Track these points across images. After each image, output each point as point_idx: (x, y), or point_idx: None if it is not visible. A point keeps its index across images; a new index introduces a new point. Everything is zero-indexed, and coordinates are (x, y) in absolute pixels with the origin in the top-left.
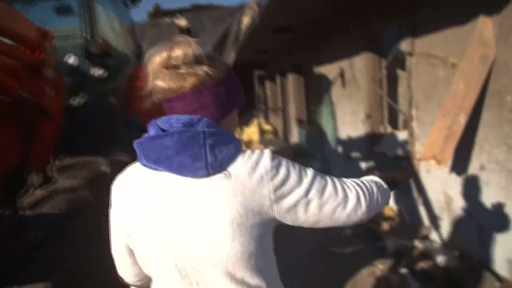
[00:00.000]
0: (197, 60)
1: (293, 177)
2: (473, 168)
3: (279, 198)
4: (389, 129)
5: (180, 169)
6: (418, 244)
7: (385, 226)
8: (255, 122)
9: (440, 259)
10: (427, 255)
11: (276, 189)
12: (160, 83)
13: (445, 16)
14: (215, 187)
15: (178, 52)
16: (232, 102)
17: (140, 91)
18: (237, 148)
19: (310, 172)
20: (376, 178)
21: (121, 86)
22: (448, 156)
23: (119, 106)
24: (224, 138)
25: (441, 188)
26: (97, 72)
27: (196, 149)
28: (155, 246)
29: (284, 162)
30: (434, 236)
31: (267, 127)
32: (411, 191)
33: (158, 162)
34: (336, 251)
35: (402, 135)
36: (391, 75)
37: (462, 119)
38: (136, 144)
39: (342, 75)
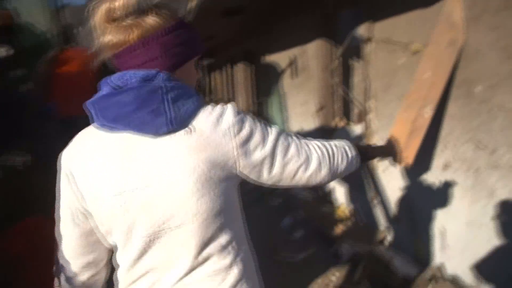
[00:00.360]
0: (142, 10)
1: (258, 133)
2: (436, 166)
3: (243, 154)
4: (342, 122)
5: (140, 127)
6: (375, 249)
7: (339, 228)
8: None
9: (400, 267)
10: (385, 262)
11: (240, 145)
12: (105, 39)
13: None
14: (178, 144)
15: (119, 3)
16: (185, 52)
17: (63, 77)
18: (198, 102)
19: (273, 130)
20: (346, 144)
21: (42, 71)
22: (413, 154)
23: (37, 94)
24: (184, 92)
25: (400, 188)
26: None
27: (156, 104)
28: (119, 211)
29: (248, 118)
30: (392, 240)
31: None
32: (367, 191)
33: (117, 120)
34: (285, 258)
35: (357, 128)
36: (346, 64)
37: (429, 112)
38: (89, 104)
39: (293, 63)
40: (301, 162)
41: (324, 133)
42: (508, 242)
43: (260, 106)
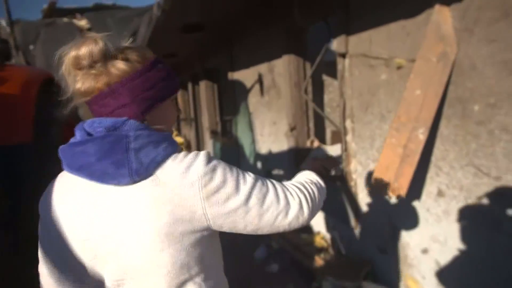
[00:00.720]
0: (107, 57)
1: (230, 183)
2: (427, 194)
3: (213, 206)
4: (316, 143)
5: (102, 178)
6: (361, 285)
7: (319, 261)
8: None
9: None
10: None
11: (209, 197)
12: (75, 86)
13: (388, 7)
14: (141, 195)
15: (84, 51)
16: (156, 95)
17: None
18: (167, 150)
19: (249, 178)
20: (315, 177)
21: None
22: (406, 183)
23: None
24: (153, 140)
25: (386, 216)
26: None
27: (119, 155)
28: (87, 256)
29: (220, 167)
30: (379, 274)
31: (179, 139)
32: (347, 217)
33: (80, 170)
34: None
35: (332, 150)
36: (318, 81)
37: (421, 135)
38: (60, 151)
39: (260, 80)
40: (280, 209)
41: (296, 155)
42: None
43: (225, 126)
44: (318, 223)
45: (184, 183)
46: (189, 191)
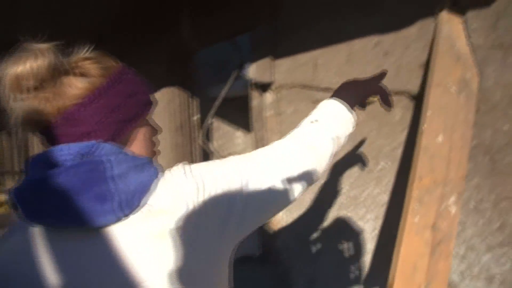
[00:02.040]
0: (60, 72)
1: (221, 180)
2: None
3: (218, 209)
4: None
5: (78, 220)
6: None
7: None
8: None
9: None
10: None
11: (210, 208)
12: (21, 113)
13: (349, 14)
14: (135, 232)
15: (26, 67)
16: (126, 114)
17: None
18: (154, 172)
19: (230, 162)
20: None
21: None
22: (445, 283)
23: None
24: (135, 164)
25: None
26: None
27: (98, 186)
28: None
29: (202, 169)
30: None
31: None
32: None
33: (47, 216)
34: None
35: None
36: (214, 123)
37: (454, 206)
38: (12, 193)
39: None
40: (282, 176)
41: None
42: None
43: None
44: None
45: (181, 204)
46: (188, 212)
